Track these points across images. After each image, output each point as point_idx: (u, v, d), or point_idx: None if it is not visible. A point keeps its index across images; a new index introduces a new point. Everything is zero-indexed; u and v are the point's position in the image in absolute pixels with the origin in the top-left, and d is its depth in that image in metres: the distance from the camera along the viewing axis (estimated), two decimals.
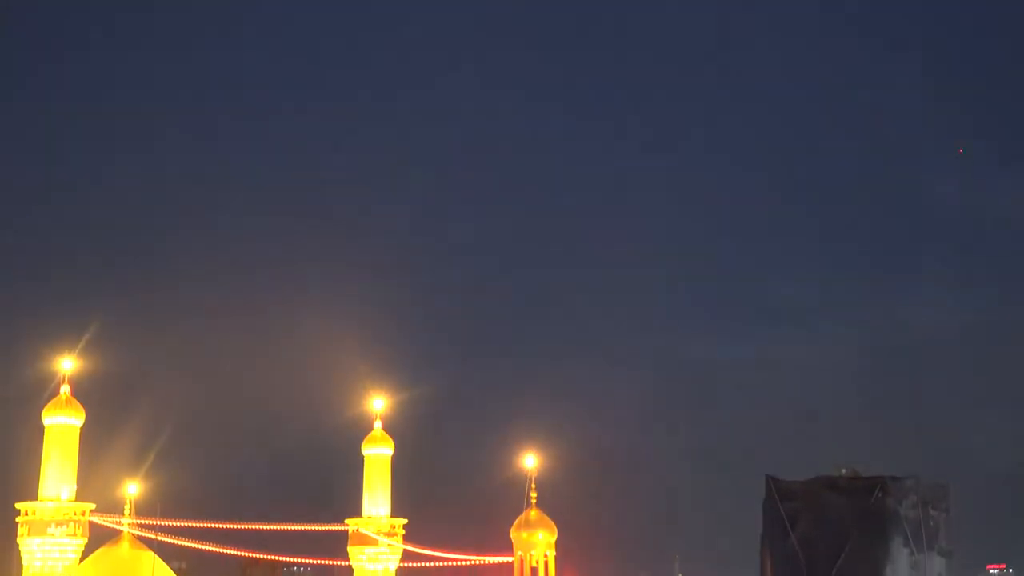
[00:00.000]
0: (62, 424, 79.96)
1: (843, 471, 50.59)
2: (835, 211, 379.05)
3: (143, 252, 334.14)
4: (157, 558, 76.64)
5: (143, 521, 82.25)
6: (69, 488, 79.04)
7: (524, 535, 65.51)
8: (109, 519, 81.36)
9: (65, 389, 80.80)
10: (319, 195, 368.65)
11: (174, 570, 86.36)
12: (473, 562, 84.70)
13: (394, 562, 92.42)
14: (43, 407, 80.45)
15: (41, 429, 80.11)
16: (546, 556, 65.31)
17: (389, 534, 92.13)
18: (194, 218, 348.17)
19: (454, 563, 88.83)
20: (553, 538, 65.87)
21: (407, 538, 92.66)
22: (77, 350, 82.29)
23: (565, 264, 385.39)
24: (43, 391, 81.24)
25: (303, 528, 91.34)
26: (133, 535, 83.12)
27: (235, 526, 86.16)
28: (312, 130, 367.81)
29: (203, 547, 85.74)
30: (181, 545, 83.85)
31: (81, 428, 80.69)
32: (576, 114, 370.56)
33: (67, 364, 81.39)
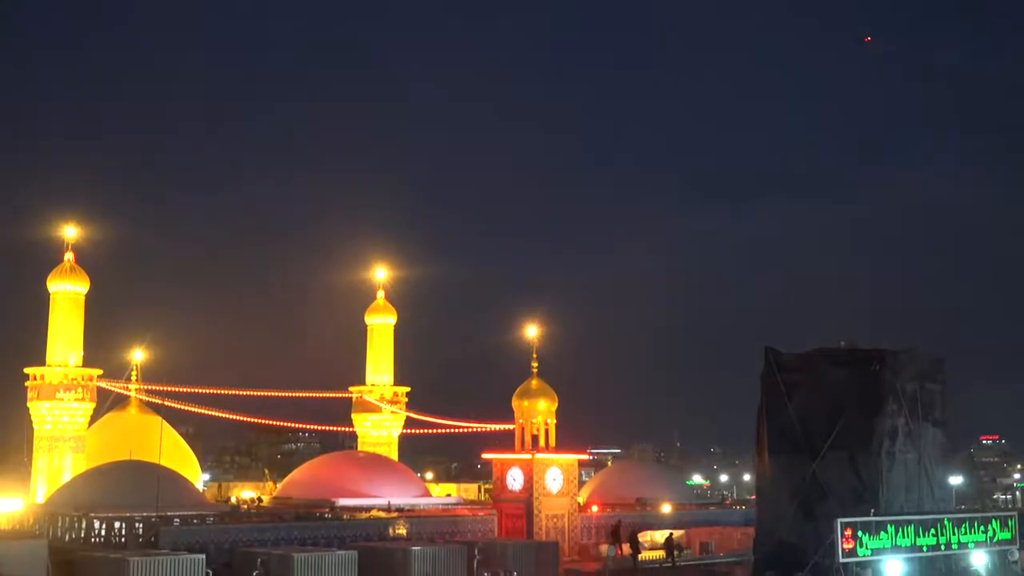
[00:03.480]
0: (67, 291, 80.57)
1: (842, 343, 50.81)
2: (839, 84, 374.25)
3: (148, 123, 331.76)
4: (165, 423, 77.94)
5: (151, 387, 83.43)
6: (76, 354, 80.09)
7: (525, 403, 66.24)
8: (116, 384, 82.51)
9: (69, 256, 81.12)
10: (335, 69, 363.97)
11: (181, 434, 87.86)
12: (474, 429, 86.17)
13: (397, 429, 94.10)
14: (48, 274, 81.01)
15: (47, 296, 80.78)
16: (547, 424, 66.20)
17: (392, 402, 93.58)
18: (202, 88, 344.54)
19: (456, 430, 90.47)
20: (554, 407, 66.61)
21: (410, 406, 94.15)
22: (80, 217, 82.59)
23: (573, 148, 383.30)
24: (48, 258, 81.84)
25: (307, 395, 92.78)
26: (140, 400, 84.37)
27: (241, 392, 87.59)
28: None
29: (211, 413, 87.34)
30: (188, 411, 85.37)
31: (87, 295, 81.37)
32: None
33: (70, 231, 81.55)
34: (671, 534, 60.02)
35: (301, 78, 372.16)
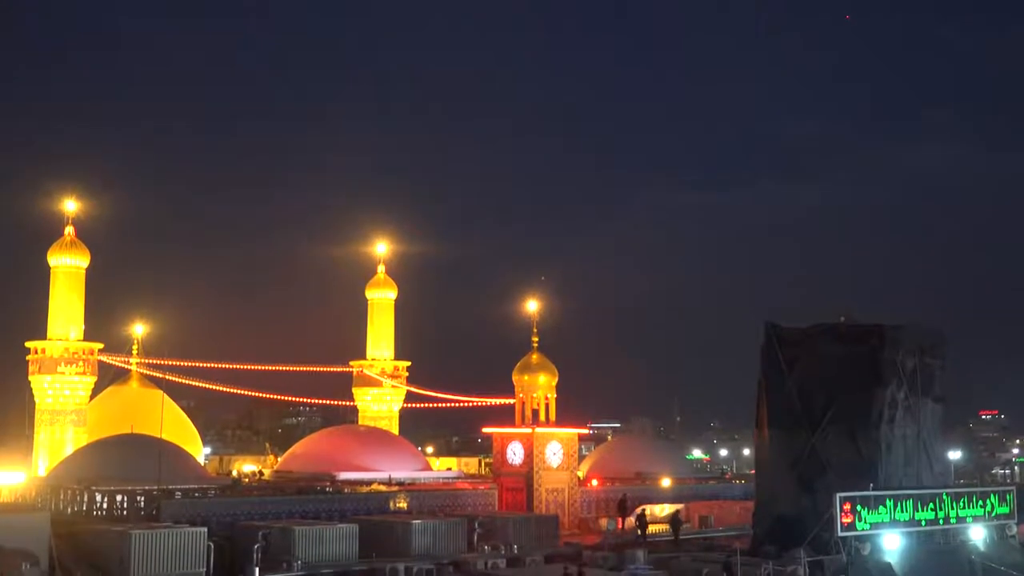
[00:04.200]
0: (68, 265, 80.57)
1: (842, 318, 50.81)
2: (839, 62, 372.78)
3: (150, 93, 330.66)
4: (166, 396, 78.08)
5: (152, 361, 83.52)
6: (77, 329, 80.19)
7: (525, 377, 66.32)
8: (117, 358, 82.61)
9: (69, 230, 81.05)
10: (335, 69, 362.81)
11: (182, 408, 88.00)
12: (475, 403, 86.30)
13: (398, 403, 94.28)
14: (48, 248, 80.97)
15: (48, 270, 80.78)
16: (547, 398, 66.32)
17: (393, 376, 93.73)
18: (202, 88, 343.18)
19: (456, 404, 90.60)
20: (554, 381, 66.68)
21: (411, 380, 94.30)
22: (80, 191, 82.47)
23: (570, 127, 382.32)
24: (49, 232, 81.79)
25: (308, 369, 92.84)
26: (141, 374, 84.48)
27: (242, 367, 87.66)
28: None
29: (212, 387, 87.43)
30: (190, 384, 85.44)
31: (87, 269, 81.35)
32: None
33: (71, 206, 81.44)
34: (677, 512, 59.89)
35: (301, 78, 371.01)
